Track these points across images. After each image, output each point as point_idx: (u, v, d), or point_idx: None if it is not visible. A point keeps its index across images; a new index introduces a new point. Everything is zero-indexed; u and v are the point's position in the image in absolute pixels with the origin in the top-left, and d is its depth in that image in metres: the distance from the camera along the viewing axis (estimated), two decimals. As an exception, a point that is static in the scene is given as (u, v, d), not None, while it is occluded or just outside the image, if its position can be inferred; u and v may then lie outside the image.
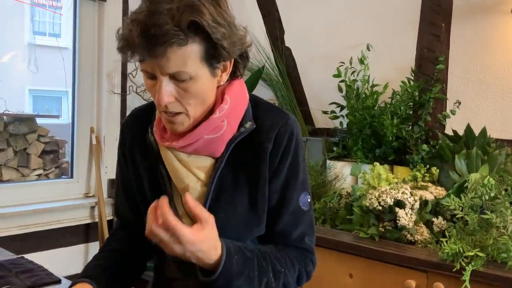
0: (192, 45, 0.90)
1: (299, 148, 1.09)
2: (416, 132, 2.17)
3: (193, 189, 1.04)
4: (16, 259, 1.52)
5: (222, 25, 0.92)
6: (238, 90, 1.07)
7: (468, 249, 1.55)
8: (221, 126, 1.01)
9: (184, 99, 0.95)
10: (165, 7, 0.87)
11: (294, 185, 1.09)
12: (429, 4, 2.24)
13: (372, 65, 2.33)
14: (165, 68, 0.91)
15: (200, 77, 0.94)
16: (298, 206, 1.10)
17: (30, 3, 2.56)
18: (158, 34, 0.86)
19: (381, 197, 1.79)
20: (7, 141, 2.55)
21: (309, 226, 1.13)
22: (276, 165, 1.06)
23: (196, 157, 1.04)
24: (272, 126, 1.06)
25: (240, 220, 1.06)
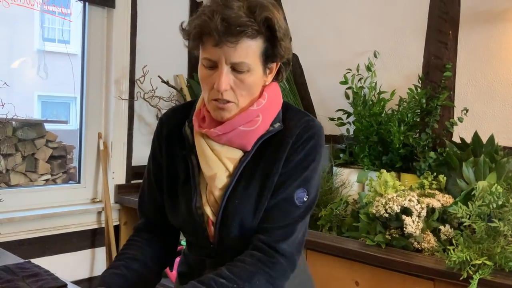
0: (258, 40, 1.03)
1: (316, 149, 1.13)
2: (423, 140, 2.16)
3: (220, 178, 1.11)
4: (23, 263, 1.53)
5: (283, 28, 1.06)
6: (275, 91, 1.16)
7: (475, 258, 1.54)
8: (256, 121, 1.09)
9: (239, 89, 1.05)
10: (237, 4, 1.01)
11: (297, 176, 1.12)
12: (437, 11, 2.25)
13: (379, 72, 2.34)
14: (231, 57, 1.01)
15: (255, 72, 1.05)
16: (292, 197, 1.11)
17: (40, 10, 2.59)
18: (237, 23, 0.98)
19: (387, 205, 1.78)
20: (16, 146, 2.57)
21: (295, 221, 1.11)
22: (289, 154, 1.11)
23: (228, 148, 1.11)
24: (296, 125, 1.13)
25: (251, 206, 1.11)
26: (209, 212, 1.13)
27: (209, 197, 1.13)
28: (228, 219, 1.11)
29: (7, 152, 2.49)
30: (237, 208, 1.10)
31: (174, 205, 1.19)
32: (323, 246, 1.89)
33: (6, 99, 2.21)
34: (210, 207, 1.13)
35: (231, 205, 1.11)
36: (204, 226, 1.14)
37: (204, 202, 1.13)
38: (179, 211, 1.17)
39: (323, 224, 2.10)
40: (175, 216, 1.20)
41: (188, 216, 1.15)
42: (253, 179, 1.11)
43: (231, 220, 1.11)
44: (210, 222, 1.14)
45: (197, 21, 1.04)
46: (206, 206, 1.13)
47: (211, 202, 1.13)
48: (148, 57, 2.87)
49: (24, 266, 1.48)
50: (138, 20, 2.85)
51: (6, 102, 2.10)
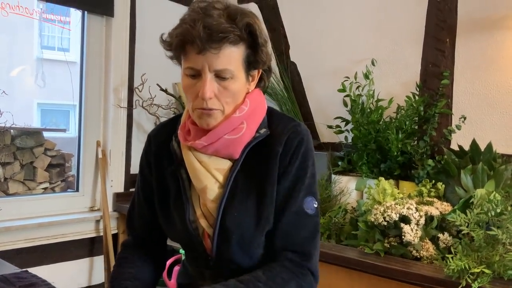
0: (241, 47, 1.05)
1: (308, 154, 1.14)
2: (421, 147, 2.17)
3: (211, 190, 1.10)
4: (20, 273, 1.52)
5: (264, 34, 1.08)
6: (258, 97, 1.16)
7: (474, 266, 1.53)
8: (240, 128, 1.09)
9: (223, 97, 1.06)
10: (217, 12, 1.02)
11: (300, 186, 1.12)
12: (434, 19, 2.25)
13: (377, 80, 2.34)
14: (214, 64, 1.02)
15: (239, 78, 1.06)
16: (302, 208, 1.12)
17: (39, 18, 2.59)
18: (219, 30, 0.99)
19: (386, 213, 1.78)
20: (14, 154, 2.56)
21: (312, 232, 1.14)
22: (284, 166, 1.11)
23: (216, 158, 1.11)
24: (283, 132, 1.13)
25: (251, 218, 1.10)
26: (205, 224, 1.13)
27: (203, 210, 1.13)
28: (227, 232, 1.10)
29: (5, 161, 2.49)
30: (236, 220, 1.10)
31: (168, 220, 1.19)
32: (322, 254, 1.86)
33: (5, 107, 2.21)
34: (205, 220, 1.13)
35: (229, 218, 1.10)
36: (200, 239, 1.14)
37: (199, 215, 1.13)
38: (174, 225, 1.18)
39: (321, 232, 2.10)
40: (170, 231, 1.20)
41: (183, 230, 1.14)
42: (249, 190, 1.11)
43: (230, 233, 1.10)
44: (206, 234, 1.14)
45: (178, 30, 1.04)
46: (201, 218, 1.13)
47: (206, 214, 1.13)
48: (146, 65, 2.88)
49: (21, 276, 1.47)
50: (136, 29, 2.86)
51: (5, 111, 2.10)
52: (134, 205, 1.29)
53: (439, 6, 2.24)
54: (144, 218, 1.26)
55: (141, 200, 1.26)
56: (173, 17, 1.11)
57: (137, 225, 1.28)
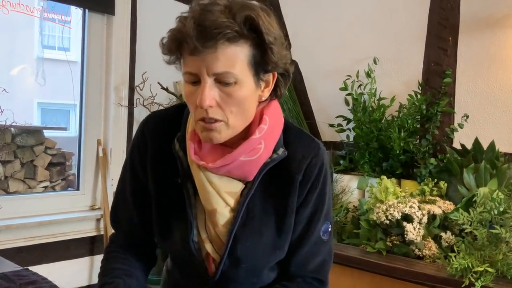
0: (243, 46, 0.89)
1: (327, 178, 1.06)
2: (423, 146, 2.16)
3: (221, 214, 0.99)
4: (20, 270, 1.51)
5: (273, 32, 0.91)
6: (277, 112, 1.02)
7: (477, 265, 1.53)
8: (258, 149, 0.96)
9: (227, 105, 0.90)
10: (218, 7, 0.88)
11: (319, 215, 1.06)
12: (436, 18, 2.25)
13: (379, 78, 2.33)
14: (212, 67, 0.87)
15: (245, 83, 0.91)
16: (319, 236, 1.07)
17: (40, 17, 2.59)
18: (212, 26, 0.85)
19: (388, 211, 1.77)
20: (15, 153, 2.55)
21: (328, 255, 1.10)
22: (304, 196, 1.03)
23: (228, 180, 0.98)
24: (303, 157, 1.02)
25: (265, 248, 1.03)
26: (210, 249, 1.03)
27: (209, 233, 1.02)
28: (237, 261, 1.02)
29: (6, 159, 2.48)
30: (248, 250, 1.01)
31: (166, 233, 1.07)
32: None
33: (5, 105, 2.21)
34: (211, 244, 1.03)
35: (240, 247, 1.00)
36: (202, 261, 1.04)
37: (204, 238, 1.02)
38: (172, 241, 1.06)
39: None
40: (167, 245, 1.09)
41: (184, 249, 1.04)
42: (265, 218, 1.02)
43: (240, 261, 1.02)
44: (211, 258, 1.04)
45: (172, 29, 0.92)
46: (206, 242, 1.03)
47: (213, 238, 1.02)
48: (147, 63, 2.87)
49: (22, 274, 1.47)
50: (137, 27, 2.85)
51: (5, 109, 2.09)
52: (119, 206, 1.16)
53: (441, 4, 2.23)
54: (131, 221, 1.13)
55: (128, 203, 1.12)
56: (174, 15, 1.01)
57: (123, 222, 1.15)
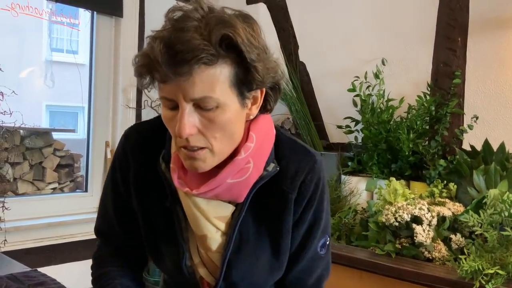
0: (222, 66, 0.79)
1: (324, 193, 1.00)
2: (432, 147, 2.14)
3: (212, 239, 0.93)
4: (29, 271, 1.52)
5: (256, 47, 0.82)
6: (266, 127, 0.95)
7: (487, 267, 1.51)
8: (246, 169, 0.89)
9: (209, 131, 0.83)
10: (192, 23, 0.77)
11: (315, 232, 1.00)
12: (445, 18, 2.23)
13: (388, 79, 2.32)
14: (189, 93, 0.78)
15: (228, 106, 0.82)
16: (317, 251, 1.02)
17: (49, 19, 2.60)
18: (184, 50, 0.75)
19: (397, 213, 1.76)
20: (23, 154, 2.57)
21: (325, 269, 1.07)
22: (299, 213, 0.97)
23: (217, 204, 0.92)
24: (297, 173, 0.95)
25: (262, 270, 0.98)
26: (204, 273, 0.99)
27: (203, 257, 0.97)
28: (234, 285, 0.98)
29: (14, 161, 2.49)
30: (245, 274, 0.97)
31: (157, 256, 1.03)
32: (332, 255, 1.86)
33: (14, 107, 2.22)
34: (205, 268, 0.99)
35: (236, 272, 0.96)
36: (196, 281, 1.00)
37: (197, 263, 0.98)
38: (164, 262, 1.02)
39: (332, 233, 2.08)
40: (160, 267, 1.05)
41: (176, 272, 0.99)
42: (260, 239, 0.96)
43: (237, 286, 0.98)
44: (205, 282, 1.00)
45: (139, 53, 0.82)
46: (200, 267, 0.98)
47: (207, 262, 0.98)
48: (155, 65, 2.88)
49: (31, 275, 1.47)
50: (145, 29, 2.86)
51: (14, 111, 2.10)
52: (102, 216, 1.11)
53: (450, 4, 2.21)
54: (114, 231, 1.08)
55: (111, 218, 1.07)
56: None
57: (108, 235, 1.10)
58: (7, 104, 2.06)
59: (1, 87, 2.08)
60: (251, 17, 0.86)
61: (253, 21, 0.85)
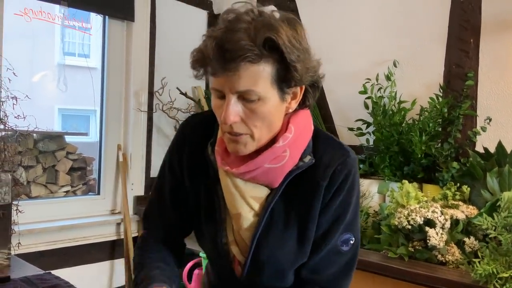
0: (265, 64, 0.90)
1: (354, 188, 1.05)
2: (445, 149, 2.12)
3: (245, 218, 1.03)
4: (43, 274, 1.53)
5: (297, 48, 0.92)
6: (304, 120, 1.04)
7: (502, 270, 1.49)
8: (283, 157, 0.99)
9: (251, 120, 0.94)
10: (243, 26, 0.89)
11: (339, 224, 1.05)
12: (457, 20, 2.22)
13: (399, 81, 2.31)
14: (235, 86, 0.90)
15: (269, 99, 0.93)
16: (337, 245, 1.05)
17: (61, 24, 2.63)
18: (233, 49, 0.87)
19: (410, 216, 1.75)
20: (37, 158, 2.60)
21: (344, 269, 1.08)
22: (327, 201, 1.03)
23: (253, 185, 1.02)
24: (330, 164, 1.02)
25: (287, 254, 1.04)
26: (236, 252, 1.07)
27: (236, 236, 1.06)
28: (260, 265, 1.05)
29: (28, 164, 2.52)
30: (271, 255, 1.04)
31: (198, 232, 1.14)
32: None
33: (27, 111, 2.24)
34: (237, 247, 1.07)
35: (263, 251, 1.04)
36: (230, 261, 1.09)
37: (231, 241, 1.07)
38: (203, 239, 1.13)
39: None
40: (201, 243, 1.16)
41: (213, 250, 1.10)
42: (287, 224, 1.04)
43: (263, 265, 1.05)
44: (237, 261, 1.08)
45: (196, 49, 0.95)
46: (233, 245, 1.07)
47: (239, 241, 1.07)
48: (166, 69, 2.89)
49: (44, 278, 1.48)
50: (157, 33, 2.88)
51: (28, 115, 2.12)
52: (155, 199, 1.20)
53: (462, 6, 2.20)
54: (165, 214, 1.17)
55: (166, 199, 1.16)
56: (193, 22, 1.05)
57: (158, 218, 1.19)
58: (21, 108, 2.08)
59: (15, 91, 2.10)
60: (297, 21, 0.97)
61: (298, 25, 0.96)
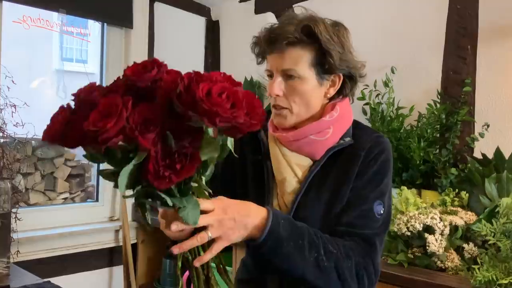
0: (306, 49, 1.12)
1: (386, 164, 1.17)
2: (444, 156, 2.13)
3: (289, 183, 1.17)
4: (42, 283, 1.53)
5: (334, 40, 1.13)
6: (347, 106, 1.22)
7: (501, 277, 1.49)
8: (326, 132, 1.16)
9: (291, 96, 1.14)
10: (291, 20, 1.14)
11: (373, 189, 1.14)
12: (454, 26, 2.23)
13: (397, 88, 2.32)
14: (280, 65, 1.13)
15: (307, 80, 1.13)
16: (372, 208, 1.13)
17: (60, 31, 2.63)
18: (279, 33, 1.12)
19: (409, 222, 1.75)
20: (35, 165, 2.59)
21: (377, 232, 1.13)
22: (362, 168, 1.15)
23: (298, 155, 1.18)
24: (367, 140, 1.18)
25: (319, 214, 1.15)
26: None
27: (279, 200, 1.19)
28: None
29: (26, 171, 2.51)
30: (306, 214, 1.14)
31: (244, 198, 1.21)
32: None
33: (25, 118, 2.24)
34: (280, 210, 1.15)
35: (301, 211, 1.14)
36: None
37: (275, 205, 1.19)
38: None
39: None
40: None
41: None
42: (323, 188, 1.16)
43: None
44: None
45: (254, 36, 1.20)
46: (276, 208, 1.16)
47: (281, 205, 1.19)
48: (165, 75, 2.90)
49: (44, 287, 1.48)
50: (155, 40, 2.89)
51: (26, 122, 2.12)
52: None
53: (459, 12, 2.21)
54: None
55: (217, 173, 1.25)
56: (191, 28, 1.15)
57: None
58: (19, 116, 2.08)
59: (13, 99, 2.10)
60: (343, 25, 1.20)
61: (342, 27, 1.19)
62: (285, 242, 0.98)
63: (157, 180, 0.69)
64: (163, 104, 0.70)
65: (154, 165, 0.69)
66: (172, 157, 0.69)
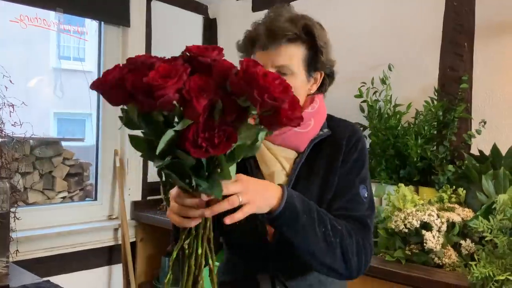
0: (300, 46, 1.18)
1: (363, 152, 1.25)
2: (441, 153, 2.14)
3: (278, 176, 1.20)
4: (41, 283, 1.53)
5: (325, 40, 1.22)
6: (322, 100, 1.30)
7: (498, 273, 1.50)
8: (308, 124, 1.21)
9: None
10: (286, 15, 1.18)
11: (356, 173, 1.21)
12: (451, 23, 2.23)
13: (394, 85, 2.32)
14: (275, 61, 1.16)
15: (297, 76, 1.18)
16: (358, 193, 1.19)
17: (57, 30, 2.63)
18: (278, 29, 1.15)
19: (407, 219, 1.76)
20: (33, 164, 2.59)
21: (366, 214, 1.19)
22: (345, 156, 1.22)
23: (283, 149, 1.22)
24: (345, 130, 1.25)
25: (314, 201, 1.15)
26: None
27: None
28: None
29: (25, 171, 2.51)
30: None
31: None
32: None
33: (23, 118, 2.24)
34: None
35: None
36: (263, 222, 1.18)
37: None
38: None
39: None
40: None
41: (250, 216, 1.16)
42: (311, 178, 1.20)
43: None
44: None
45: (246, 32, 1.23)
46: None
47: None
48: (162, 74, 2.89)
49: (43, 286, 1.48)
50: (152, 38, 2.89)
51: (24, 121, 2.12)
52: None
53: (456, 9, 2.22)
54: None
55: None
56: (189, 26, 1.15)
57: None
58: (17, 115, 2.08)
59: (11, 98, 2.10)
60: (320, 24, 1.26)
61: (322, 26, 1.26)
62: (300, 213, 1.03)
63: (193, 149, 0.73)
64: (217, 81, 0.75)
65: (194, 134, 0.73)
66: (212, 132, 0.73)
